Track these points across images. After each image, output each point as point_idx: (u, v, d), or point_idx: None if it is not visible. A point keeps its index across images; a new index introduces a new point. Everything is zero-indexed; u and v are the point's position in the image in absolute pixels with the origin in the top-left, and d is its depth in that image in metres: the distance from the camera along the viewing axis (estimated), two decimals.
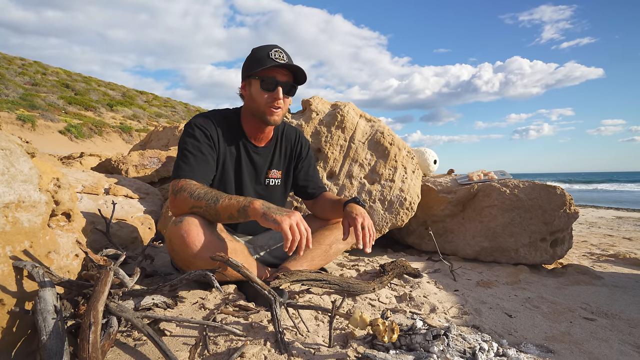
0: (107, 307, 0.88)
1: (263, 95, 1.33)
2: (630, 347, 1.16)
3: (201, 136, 1.34)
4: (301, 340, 0.99)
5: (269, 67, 1.30)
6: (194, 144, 1.32)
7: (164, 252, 1.95)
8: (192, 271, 1.02)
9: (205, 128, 1.36)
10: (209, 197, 1.21)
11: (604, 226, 5.56)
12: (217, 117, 1.41)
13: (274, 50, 1.32)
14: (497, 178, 2.41)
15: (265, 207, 1.15)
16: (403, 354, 0.90)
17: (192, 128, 1.35)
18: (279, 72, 1.33)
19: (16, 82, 18.57)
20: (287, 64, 1.31)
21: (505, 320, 1.30)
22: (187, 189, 1.23)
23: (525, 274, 2.01)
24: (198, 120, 1.37)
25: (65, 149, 10.61)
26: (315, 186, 1.63)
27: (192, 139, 1.33)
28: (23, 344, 0.85)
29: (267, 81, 1.32)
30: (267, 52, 1.32)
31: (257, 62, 1.32)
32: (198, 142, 1.33)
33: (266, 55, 1.31)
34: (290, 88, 1.37)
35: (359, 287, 1.39)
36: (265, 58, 1.31)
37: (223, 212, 1.19)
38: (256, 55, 1.34)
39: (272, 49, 1.32)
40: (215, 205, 1.20)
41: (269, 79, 1.32)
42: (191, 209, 1.22)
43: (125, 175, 2.82)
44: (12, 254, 0.85)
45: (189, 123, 1.38)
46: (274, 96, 1.33)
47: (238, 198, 1.20)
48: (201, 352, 0.91)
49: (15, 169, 0.90)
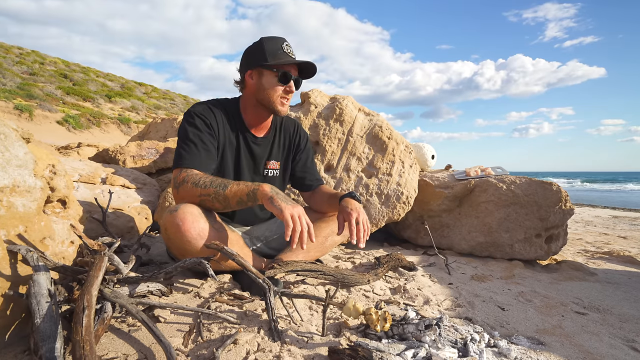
0: (101, 292, 0.89)
1: (278, 87, 1.37)
2: (620, 341, 1.17)
3: (202, 125, 1.33)
4: (295, 329, 1.00)
5: (287, 63, 1.34)
6: (195, 132, 1.32)
7: (160, 242, 1.95)
8: (187, 259, 1.02)
9: (205, 117, 1.35)
10: (216, 185, 1.21)
11: (600, 225, 5.59)
12: (217, 107, 1.41)
13: (285, 45, 1.36)
14: (494, 174, 2.41)
15: (273, 191, 1.18)
16: (395, 343, 0.91)
17: (192, 117, 1.34)
18: (293, 66, 1.39)
19: (14, 71, 18.41)
20: (303, 61, 1.37)
21: (498, 313, 1.31)
22: (190, 180, 1.23)
23: (520, 269, 2.02)
24: (198, 109, 1.36)
25: (63, 140, 10.56)
26: (313, 179, 1.63)
27: (192, 127, 1.32)
28: (17, 327, 0.85)
29: (285, 75, 1.35)
30: (279, 44, 1.35)
31: (272, 54, 1.34)
32: (199, 130, 1.32)
33: (279, 48, 1.35)
34: (298, 83, 1.43)
35: (353, 278, 1.40)
36: (279, 51, 1.34)
37: (232, 198, 1.21)
38: (268, 47, 1.35)
39: (283, 42, 1.36)
40: (224, 191, 1.20)
41: (286, 73, 1.35)
42: (199, 197, 1.22)
43: (122, 165, 2.81)
44: (6, 238, 0.85)
45: (188, 112, 1.37)
46: (288, 89, 1.38)
47: (246, 183, 1.23)
48: (195, 338, 0.92)
49: (9, 154, 0.89)
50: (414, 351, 0.86)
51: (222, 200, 1.22)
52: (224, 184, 1.21)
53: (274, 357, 0.85)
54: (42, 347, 0.72)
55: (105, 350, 0.84)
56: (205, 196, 1.22)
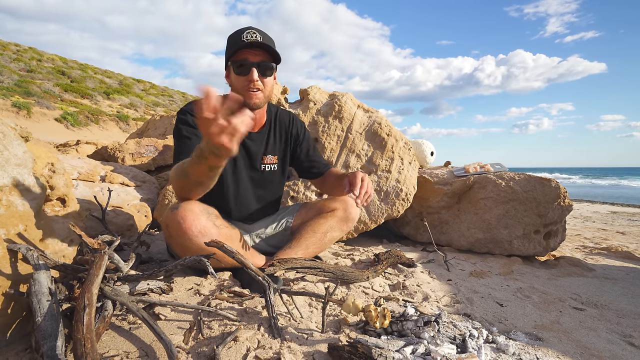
0: (102, 290, 0.89)
1: (239, 79, 1.29)
2: (617, 336, 1.18)
3: (194, 122, 1.33)
4: (294, 326, 1.01)
5: (239, 50, 1.26)
6: (189, 129, 1.32)
7: (159, 240, 1.96)
8: (187, 257, 1.02)
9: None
10: (179, 171, 1.14)
11: (599, 220, 5.61)
12: None
13: (246, 32, 1.27)
14: (493, 170, 2.42)
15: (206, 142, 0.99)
16: (394, 340, 0.92)
17: (185, 114, 1.34)
18: (250, 52, 1.27)
19: (11, 68, 18.30)
20: (254, 41, 1.24)
21: (496, 309, 1.32)
22: (172, 173, 1.20)
23: (518, 265, 2.03)
24: (189, 107, 1.37)
25: (61, 137, 10.52)
26: (320, 165, 1.62)
27: (185, 125, 1.32)
28: (18, 325, 0.86)
29: (239, 63, 1.27)
30: (239, 35, 1.27)
31: (230, 46, 1.29)
32: (192, 127, 1.32)
33: (239, 37, 1.27)
34: (265, 68, 1.30)
35: (353, 275, 1.40)
36: (238, 41, 1.26)
37: (193, 174, 1.09)
38: (230, 41, 1.31)
39: (244, 31, 1.27)
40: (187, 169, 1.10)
41: (241, 61, 1.27)
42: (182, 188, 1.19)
43: (121, 163, 2.81)
44: (6, 236, 0.85)
45: (181, 110, 1.37)
46: (249, 78, 1.28)
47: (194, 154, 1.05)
48: (195, 335, 0.92)
49: (8, 152, 0.89)
50: (413, 347, 0.87)
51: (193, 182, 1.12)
52: (182, 164, 1.13)
53: (274, 353, 0.85)
54: (44, 345, 0.72)
55: (107, 348, 0.84)
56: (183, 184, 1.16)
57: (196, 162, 1.03)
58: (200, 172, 1.06)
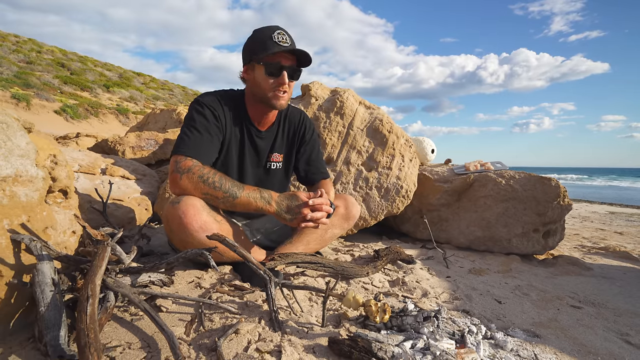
0: (104, 282, 0.90)
1: (268, 80, 1.31)
2: (614, 334, 1.19)
3: (210, 116, 1.32)
4: (295, 320, 1.01)
5: (274, 53, 1.26)
6: (203, 122, 1.30)
7: (160, 233, 1.96)
8: (188, 250, 1.03)
9: (214, 109, 1.34)
10: (226, 189, 1.22)
11: (597, 220, 5.63)
12: (225, 99, 1.39)
13: (276, 33, 1.27)
14: (494, 169, 2.42)
15: (279, 208, 1.26)
16: (394, 334, 0.93)
17: (202, 106, 1.32)
18: (283, 55, 1.29)
19: (10, 59, 18.19)
20: (292, 48, 1.28)
21: (495, 306, 1.33)
22: (197, 172, 1.21)
23: (517, 263, 2.05)
24: (207, 100, 1.35)
25: (61, 129, 10.49)
26: (317, 171, 1.61)
27: (201, 117, 1.31)
28: (21, 315, 0.86)
29: (272, 66, 1.29)
30: (269, 34, 1.27)
31: (261, 46, 1.28)
32: (207, 121, 1.31)
33: (269, 38, 1.27)
34: (294, 72, 1.34)
35: (353, 270, 1.41)
36: (268, 41, 1.27)
37: (239, 206, 1.25)
38: (259, 38, 1.30)
39: (274, 31, 1.28)
40: (234, 200, 1.23)
41: (274, 65, 1.28)
42: (204, 194, 1.22)
43: (122, 156, 2.81)
44: (9, 227, 0.85)
45: (197, 100, 1.35)
46: (280, 81, 1.30)
47: (255, 195, 1.24)
48: (196, 328, 0.93)
49: (12, 143, 0.89)
50: (413, 342, 0.88)
51: (229, 205, 1.25)
52: (234, 191, 1.22)
53: (275, 346, 0.86)
54: (47, 335, 0.73)
55: (109, 338, 0.85)
56: (211, 197, 1.23)
57: (258, 202, 1.24)
58: (252, 208, 1.24)
